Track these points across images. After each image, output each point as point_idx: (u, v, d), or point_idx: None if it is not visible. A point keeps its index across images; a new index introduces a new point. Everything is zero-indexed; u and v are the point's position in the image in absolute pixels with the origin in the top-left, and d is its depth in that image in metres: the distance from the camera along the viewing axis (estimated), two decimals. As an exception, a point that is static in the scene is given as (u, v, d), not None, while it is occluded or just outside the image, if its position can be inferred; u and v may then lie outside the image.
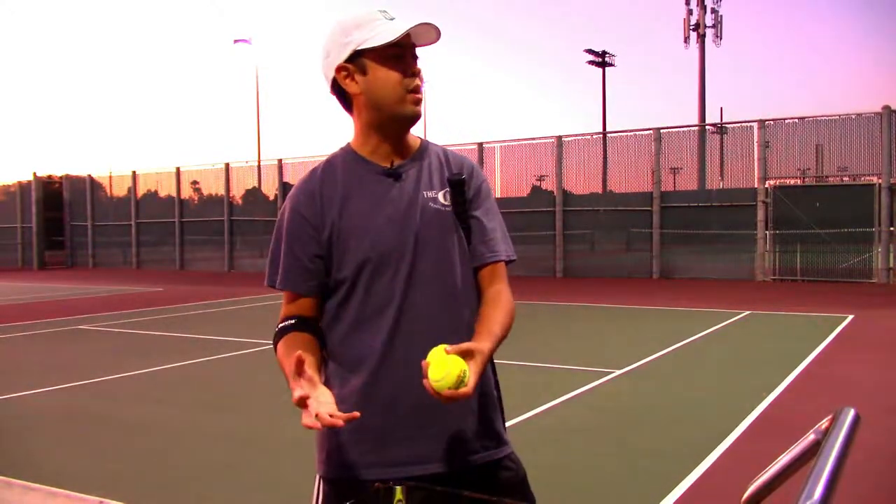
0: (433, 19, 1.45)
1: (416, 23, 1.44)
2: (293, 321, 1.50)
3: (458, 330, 1.47)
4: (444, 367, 1.26)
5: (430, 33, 1.47)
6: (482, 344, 1.35)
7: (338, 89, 1.52)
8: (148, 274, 22.48)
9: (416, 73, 1.48)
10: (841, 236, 15.30)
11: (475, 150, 19.78)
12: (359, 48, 1.45)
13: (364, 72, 1.47)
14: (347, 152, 1.55)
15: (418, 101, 1.49)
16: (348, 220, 1.48)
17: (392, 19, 1.46)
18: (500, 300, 1.51)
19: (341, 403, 1.43)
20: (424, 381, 1.26)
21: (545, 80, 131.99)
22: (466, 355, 1.29)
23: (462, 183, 1.54)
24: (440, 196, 1.53)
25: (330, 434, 1.47)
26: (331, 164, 1.55)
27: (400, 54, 1.46)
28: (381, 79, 1.46)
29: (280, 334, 1.50)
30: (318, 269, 1.50)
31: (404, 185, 1.51)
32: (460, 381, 1.26)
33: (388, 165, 1.52)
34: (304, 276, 1.50)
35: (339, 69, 1.48)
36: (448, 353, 1.28)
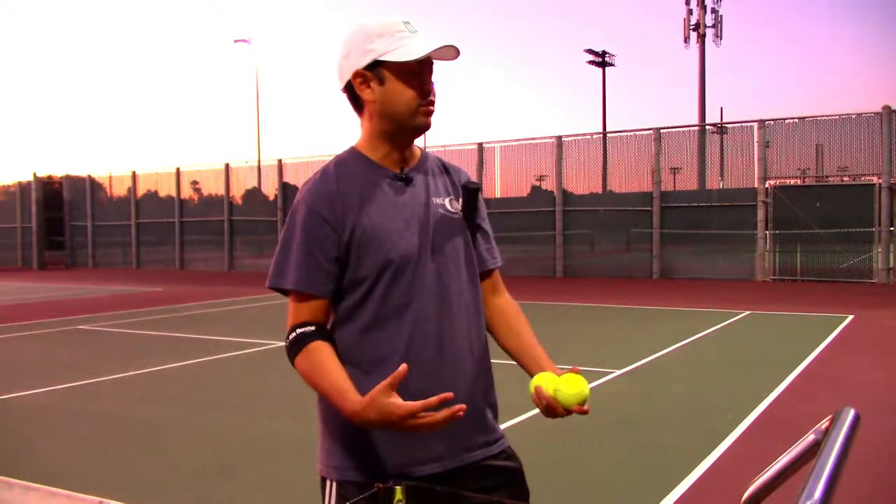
0: (452, 40, 1.47)
1: (440, 45, 1.45)
2: (312, 328, 1.45)
3: (472, 331, 1.55)
4: (579, 384, 1.42)
5: (449, 51, 1.49)
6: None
7: (350, 90, 1.53)
8: (148, 274, 22.49)
9: (430, 90, 1.51)
10: (841, 236, 15.30)
11: (475, 150, 19.78)
12: (380, 58, 1.46)
13: (381, 82, 1.48)
14: (357, 155, 1.55)
15: (430, 114, 1.52)
16: (368, 222, 1.48)
17: (415, 32, 1.48)
18: (522, 316, 1.68)
19: None
20: (553, 394, 1.43)
21: (545, 80, 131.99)
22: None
23: (478, 191, 1.64)
24: (447, 203, 1.58)
25: (346, 438, 1.48)
26: (342, 165, 1.54)
27: (419, 70, 1.48)
28: (397, 92, 1.48)
29: (299, 343, 1.45)
30: (335, 271, 1.48)
31: (416, 191, 1.54)
32: (585, 399, 1.43)
33: (399, 171, 1.55)
34: (323, 277, 1.47)
35: (356, 74, 1.49)
36: (561, 374, 1.46)
